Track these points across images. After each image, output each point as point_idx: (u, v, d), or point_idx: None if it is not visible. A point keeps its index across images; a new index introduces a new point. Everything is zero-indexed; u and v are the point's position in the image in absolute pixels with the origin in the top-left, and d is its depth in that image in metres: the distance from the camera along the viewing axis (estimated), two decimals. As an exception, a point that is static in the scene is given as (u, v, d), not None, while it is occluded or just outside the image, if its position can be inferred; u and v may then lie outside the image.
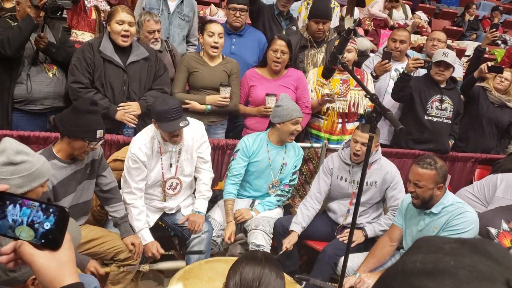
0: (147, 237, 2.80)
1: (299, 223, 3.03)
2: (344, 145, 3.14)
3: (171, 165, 2.88)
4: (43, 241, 0.82)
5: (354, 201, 3.03)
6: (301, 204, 3.16)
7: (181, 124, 2.65)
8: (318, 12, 3.75)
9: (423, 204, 2.57)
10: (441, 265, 0.59)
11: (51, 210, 0.83)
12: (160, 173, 2.87)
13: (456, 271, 0.57)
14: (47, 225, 0.82)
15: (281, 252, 2.92)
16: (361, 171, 2.07)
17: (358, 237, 3.00)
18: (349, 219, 3.03)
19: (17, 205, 0.84)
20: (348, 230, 2.89)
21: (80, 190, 2.58)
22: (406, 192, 2.79)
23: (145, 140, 2.79)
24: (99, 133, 2.39)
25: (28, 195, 1.88)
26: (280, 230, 3.06)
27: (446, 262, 0.59)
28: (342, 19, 4.79)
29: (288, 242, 2.92)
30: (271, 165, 3.18)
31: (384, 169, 3.02)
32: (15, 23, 3.11)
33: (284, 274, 1.58)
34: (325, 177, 3.16)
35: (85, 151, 2.44)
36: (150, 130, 2.83)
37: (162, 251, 2.79)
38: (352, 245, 2.88)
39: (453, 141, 4.06)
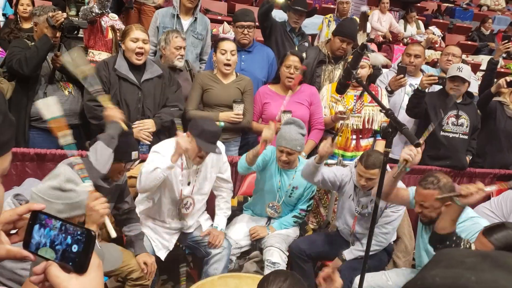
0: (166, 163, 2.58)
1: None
2: (356, 162, 3.01)
3: (189, 183, 2.87)
4: (70, 263, 0.81)
5: (356, 223, 2.98)
6: None
7: (217, 151, 2.69)
8: (346, 31, 3.78)
9: (431, 222, 2.49)
10: (462, 281, 0.57)
11: (78, 232, 0.82)
12: (179, 190, 2.85)
13: (477, 287, 0.55)
14: (75, 248, 0.81)
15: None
16: (374, 204, 2.02)
17: (336, 264, 2.85)
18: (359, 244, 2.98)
19: (43, 226, 0.84)
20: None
21: None
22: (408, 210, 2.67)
23: (169, 149, 2.73)
24: (134, 154, 2.44)
25: None
26: (296, 252, 3.01)
27: (467, 277, 0.57)
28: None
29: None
30: (279, 188, 3.11)
31: None
32: (32, 43, 3.18)
33: None
34: (336, 173, 2.98)
35: (121, 172, 2.47)
36: (172, 144, 2.79)
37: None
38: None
39: (470, 157, 3.99)
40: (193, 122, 2.76)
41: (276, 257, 2.90)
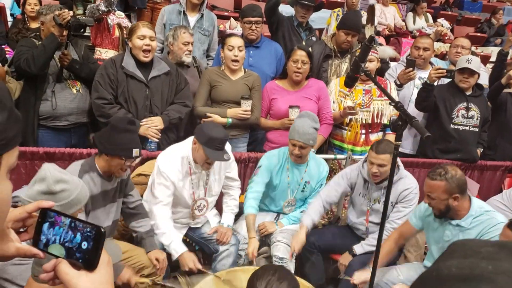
0: (179, 249, 2.69)
1: (309, 216, 2.93)
2: (365, 158, 3.02)
3: (201, 186, 2.87)
4: (80, 260, 0.81)
5: (370, 218, 2.99)
6: (314, 200, 3.04)
7: (225, 157, 2.65)
8: (351, 24, 3.74)
9: (441, 214, 2.50)
10: (478, 271, 0.55)
11: (87, 229, 0.82)
12: (191, 193, 2.84)
13: (494, 277, 0.54)
14: (84, 245, 0.81)
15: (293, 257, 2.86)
16: (386, 192, 2.02)
17: (346, 259, 2.93)
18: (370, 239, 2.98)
19: (52, 223, 0.84)
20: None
21: (111, 210, 2.60)
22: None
23: (175, 161, 2.75)
24: (135, 151, 2.43)
25: None
26: (305, 245, 3.00)
27: (484, 267, 0.55)
28: (362, 27, 4.78)
29: (296, 243, 2.82)
30: (289, 184, 3.11)
31: (402, 187, 2.89)
32: (40, 42, 3.19)
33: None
34: (346, 187, 3.05)
35: (122, 168, 2.47)
36: (179, 150, 2.79)
37: (199, 266, 2.67)
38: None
39: (481, 150, 3.95)
40: (200, 129, 2.70)
41: (283, 252, 2.89)
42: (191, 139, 2.79)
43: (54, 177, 1.91)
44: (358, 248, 2.94)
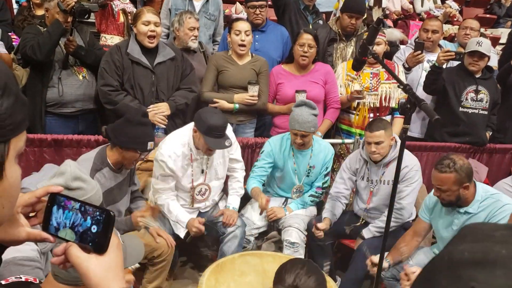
0: (183, 218, 2.81)
1: (329, 211, 2.98)
2: (363, 141, 3.02)
3: (202, 171, 2.87)
4: (90, 244, 0.82)
5: (373, 199, 3.00)
6: (327, 204, 3.07)
7: (226, 144, 2.64)
8: (354, 6, 3.68)
9: (450, 204, 2.48)
10: (492, 255, 0.54)
11: (97, 213, 0.82)
12: (190, 179, 2.85)
13: (509, 261, 0.53)
14: (94, 229, 0.82)
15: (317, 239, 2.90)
16: (394, 175, 2.03)
17: (357, 243, 2.95)
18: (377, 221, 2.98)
19: (62, 208, 0.85)
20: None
21: (124, 199, 2.64)
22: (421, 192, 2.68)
23: (175, 148, 2.75)
24: (150, 144, 2.46)
25: None
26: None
27: (497, 251, 0.54)
28: (370, 9, 4.71)
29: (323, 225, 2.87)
30: (296, 170, 3.11)
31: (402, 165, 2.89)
32: (45, 29, 3.18)
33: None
34: (351, 176, 3.06)
35: (136, 161, 2.51)
36: (180, 137, 2.79)
37: (202, 228, 2.77)
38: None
39: (490, 133, 3.91)
40: (198, 118, 2.67)
41: (295, 237, 2.90)
42: (191, 125, 2.79)
43: (74, 174, 1.92)
44: (366, 232, 2.94)
